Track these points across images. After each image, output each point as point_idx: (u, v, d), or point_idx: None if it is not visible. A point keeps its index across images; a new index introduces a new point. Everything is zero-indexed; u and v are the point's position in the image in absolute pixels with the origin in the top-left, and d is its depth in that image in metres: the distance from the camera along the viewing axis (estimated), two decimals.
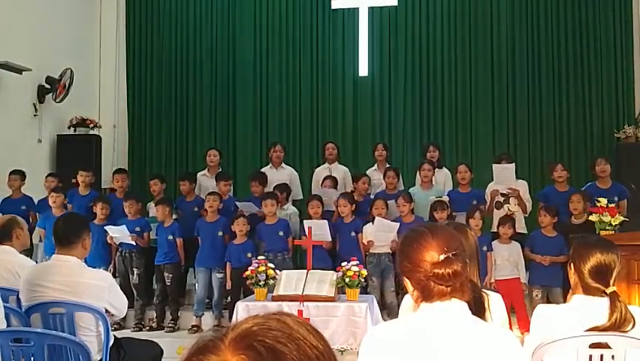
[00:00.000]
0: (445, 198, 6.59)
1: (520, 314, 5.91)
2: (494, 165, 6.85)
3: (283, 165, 7.76)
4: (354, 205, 6.58)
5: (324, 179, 7.43)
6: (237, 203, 6.98)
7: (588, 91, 8.93)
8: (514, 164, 6.88)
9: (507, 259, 6.13)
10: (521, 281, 6.14)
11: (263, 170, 7.60)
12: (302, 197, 7.62)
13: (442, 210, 6.30)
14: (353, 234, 6.50)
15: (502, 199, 6.66)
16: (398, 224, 6.22)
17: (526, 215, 6.74)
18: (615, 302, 2.54)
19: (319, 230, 6.19)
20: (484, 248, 6.07)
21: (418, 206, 6.67)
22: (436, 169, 7.20)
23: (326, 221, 6.36)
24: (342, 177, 7.61)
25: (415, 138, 9.10)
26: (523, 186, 6.80)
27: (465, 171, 6.93)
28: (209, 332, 0.96)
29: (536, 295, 6.01)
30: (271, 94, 9.61)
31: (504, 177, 6.67)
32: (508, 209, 6.58)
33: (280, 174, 7.57)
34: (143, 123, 9.88)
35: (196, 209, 7.12)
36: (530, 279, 6.14)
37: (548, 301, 5.77)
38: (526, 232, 6.66)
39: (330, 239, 6.36)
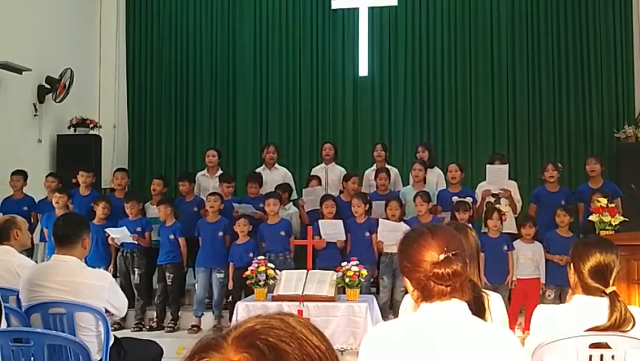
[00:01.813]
0: (469, 200, 6.58)
1: (529, 315, 5.91)
2: (488, 166, 6.88)
3: (277, 165, 7.74)
4: (367, 205, 6.56)
5: (311, 179, 7.42)
6: (234, 205, 6.98)
7: (588, 91, 8.93)
8: (507, 165, 6.90)
9: (530, 259, 6.16)
10: (542, 282, 6.16)
11: (257, 171, 7.59)
12: (297, 197, 7.60)
13: (465, 211, 6.25)
14: (367, 234, 6.47)
15: (493, 199, 6.68)
16: (402, 223, 6.21)
17: (516, 215, 6.75)
18: (615, 302, 2.54)
19: (334, 230, 6.18)
20: (505, 248, 6.10)
21: (410, 206, 6.65)
22: (428, 169, 7.20)
23: (340, 221, 6.35)
24: (338, 178, 7.59)
25: (414, 138, 9.09)
26: (513, 187, 6.82)
27: (455, 170, 6.93)
28: (209, 332, 0.96)
29: (549, 295, 6.04)
30: (271, 94, 9.61)
31: (497, 177, 6.70)
32: (499, 209, 6.59)
33: (274, 174, 7.55)
34: (143, 123, 9.88)
35: (195, 209, 7.12)
36: (545, 279, 6.17)
37: (561, 301, 5.79)
38: (516, 232, 6.66)
39: (345, 238, 6.35)
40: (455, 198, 6.63)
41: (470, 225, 4.87)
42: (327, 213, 6.48)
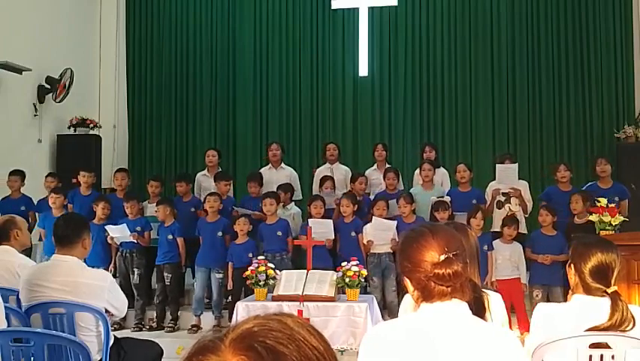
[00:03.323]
0: (447, 199, 6.59)
1: (520, 315, 5.91)
2: (497, 165, 6.87)
3: (283, 165, 7.71)
4: (356, 206, 6.58)
5: (324, 180, 7.42)
6: (234, 207, 6.97)
7: (588, 91, 8.93)
8: (517, 164, 6.90)
9: (508, 259, 6.14)
10: (522, 282, 6.15)
11: (262, 170, 7.58)
12: (301, 197, 7.60)
13: (444, 210, 6.30)
14: (353, 234, 6.49)
15: (503, 199, 6.67)
16: (395, 222, 6.22)
17: (527, 215, 6.74)
18: (617, 302, 2.54)
19: (323, 229, 6.19)
20: (485, 247, 6.08)
21: (421, 206, 6.65)
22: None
23: (330, 220, 6.36)
24: (343, 177, 7.58)
25: (415, 138, 9.11)
26: (524, 186, 6.81)
27: (464, 170, 6.94)
28: (209, 332, 0.96)
29: (536, 295, 6.02)
30: (271, 94, 9.61)
31: (506, 177, 6.69)
32: (509, 209, 6.58)
33: (279, 174, 7.52)
34: (143, 123, 9.88)
35: (192, 209, 7.11)
36: (531, 279, 6.15)
37: (548, 301, 5.78)
38: (526, 232, 6.67)
39: (334, 237, 6.36)
40: (433, 198, 6.62)
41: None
42: (316, 213, 6.50)
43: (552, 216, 6.18)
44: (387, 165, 7.50)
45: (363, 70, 8.69)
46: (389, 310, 6.10)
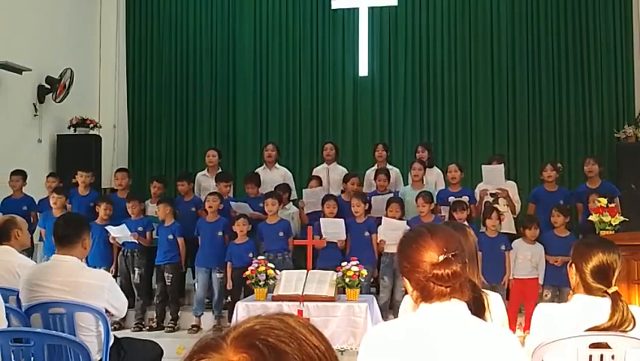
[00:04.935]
0: (465, 199, 6.59)
1: (529, 315, 5.91)
2: (483, 167, 6.91)
3: (277, 165, 7.73)
4: (367, 205, 6.57)
5: (311, 179, 7.42)
6: (232, 204, 6.96)
7: (588, 91, 8.93)
8: (502, 165, 6.92)
9: (529, 259, 6.16)
10: (540, 283, 6.16)
11: (257, 170, 7.59)
12: (297, 197, 7.59)
13: (462, 210, 6.26)
14: (367, 234, 6.48)
15: (491, 199, 6.69)
16: (405, 222, 6.21)
17: (515, 216, 6.75)
18: (617, 302, 2.54)
19: (335, 229, 6.19)
20: (502, 247, 6.11)
21: (410, 205, 6.65)
22: (427, 169, 7.21)
23: (342, 220, 6.35)
24: (339, 177, 7.58)
25: (415, 138, 9.09)
26: (511, 187, 6.83)
27: (455, 170, 6.96)
28: (209, 332, 0.96)
29: (546, 295, 6.05)
30: (271, 94, 9.61)
31: (493, 177, 6.73)
32: (497, 209, 6.60)
33: (274, 174, 7.53)
34: (143, 123, 9.88)
35: (193, 209, 7.11)
36: (543, 279, 6.17)
37: (559, 301, 5.79)
38: (515, 232, 6.66)
39: (345, 237, 6.36)
40: (452, 199, 6.64)
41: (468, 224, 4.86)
42: (329, 213, 6.50)
43: (564, 217, 6.18)
44: (389, 166, 7.49)
45: (363, 70, 8.69)
46: (395, 310, 6.08)
